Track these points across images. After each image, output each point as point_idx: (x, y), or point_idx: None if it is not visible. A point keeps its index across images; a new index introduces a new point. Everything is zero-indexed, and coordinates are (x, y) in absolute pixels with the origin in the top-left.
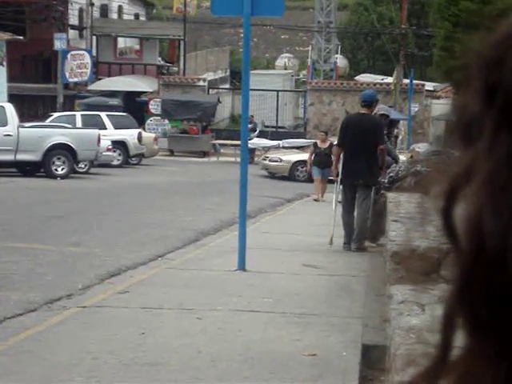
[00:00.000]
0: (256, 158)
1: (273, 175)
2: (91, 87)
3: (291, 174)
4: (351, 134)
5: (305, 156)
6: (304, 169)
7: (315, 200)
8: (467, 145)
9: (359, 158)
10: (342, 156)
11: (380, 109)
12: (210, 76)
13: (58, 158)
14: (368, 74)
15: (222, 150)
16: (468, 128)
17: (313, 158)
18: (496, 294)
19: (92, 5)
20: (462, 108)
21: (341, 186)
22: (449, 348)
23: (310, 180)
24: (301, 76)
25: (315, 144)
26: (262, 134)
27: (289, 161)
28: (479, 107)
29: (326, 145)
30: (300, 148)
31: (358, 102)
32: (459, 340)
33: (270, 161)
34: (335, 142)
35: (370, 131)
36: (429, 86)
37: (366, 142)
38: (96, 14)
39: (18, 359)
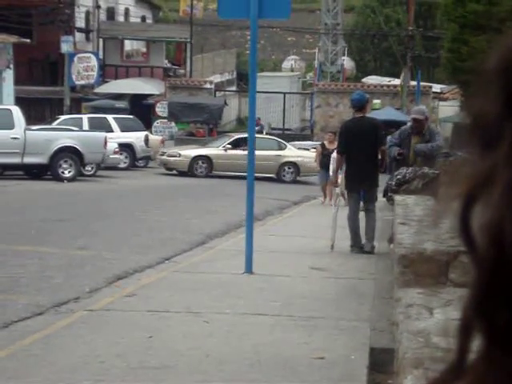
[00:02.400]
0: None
1: (171, 171)
2: (98, 90)
3: (190, 169)
4: (353, 139)
5: (204, 151)
6: (204, 164)
7: (330, 204)
8: (485, 150)
9: (364, 161)
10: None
11: (414, 112)
12: (216, 78)
13: (65, 161)
14: (375, 76)
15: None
16: (486, 133)
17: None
18: None
19: (98, 7)
20: (480, 113)
21: (345, 190)
22: (465, 355)
23: (210, 176)
24: (307, 78)
25: (323, 145)
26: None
27: (188, 156)
28: (498, 113)
29: (334, 146)
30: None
31: (351, 106)
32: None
33: (168, 156)
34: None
35: (371, 134)
36: (436, 87)
37: (368, 144)
38: (103, 16)
39: (25, 363)
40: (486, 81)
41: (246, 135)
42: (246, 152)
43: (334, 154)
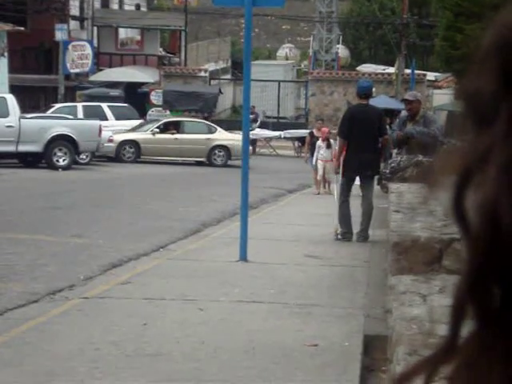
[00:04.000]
0: (257, 149)
1: (99, 158)
2: (92, 78)
3: (118, 154)
4: (358, 126)
5: (132, 136)
6: (132, 150)
7: (317, 193)
8: (481, 129)
9: (367, 149)
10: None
11: (406, 94)
12: (211, 67)
13: (60, 149)
14: (369, 64)
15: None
16: (481, 111)
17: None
18: (510, 283)
19: None
20: (475, 91)
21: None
22: (456, 337)
23: (137, 161)
24: (302, 66)
25: (311, 133)
26: (263, 125)
27: (115, 141)
28: (495, 91)
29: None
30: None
31: (356, 92)
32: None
33: None
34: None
35: (375, 122)
36: (430, 75)
37: (372, 132)
38: (97, 4)
39: (21, 350)
40: (482, 58)
41: (174, 119)
42: (174, 136)
43: (319, 142)
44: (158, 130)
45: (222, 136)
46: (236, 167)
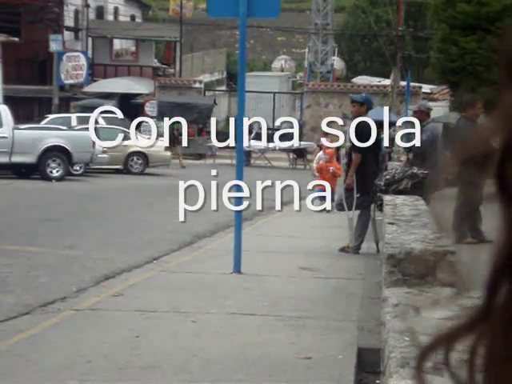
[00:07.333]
0: (252, 161)
1: None
2: (87, 89)
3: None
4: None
5: None
6: None
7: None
8: None
9: (376, 163)
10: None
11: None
12: (206, 78)
13: (53, 160)
14: (365, 76)
15: (217, 153)
16: None
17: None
18: None
19: (88, 6)
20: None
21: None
22: (492, 302)
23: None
24: (297, 78)
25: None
26: (258, 136)
27: None
28: None
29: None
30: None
31: (367, 107)
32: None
33: None
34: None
35: (374, 135)
36: (426, 88)
37: (378, 146)
38: (92, 15)
39: (12, 362)
40: None
41: (87, 125)
42: None
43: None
44: None
45: (138, 142)
46: (152, 175)
